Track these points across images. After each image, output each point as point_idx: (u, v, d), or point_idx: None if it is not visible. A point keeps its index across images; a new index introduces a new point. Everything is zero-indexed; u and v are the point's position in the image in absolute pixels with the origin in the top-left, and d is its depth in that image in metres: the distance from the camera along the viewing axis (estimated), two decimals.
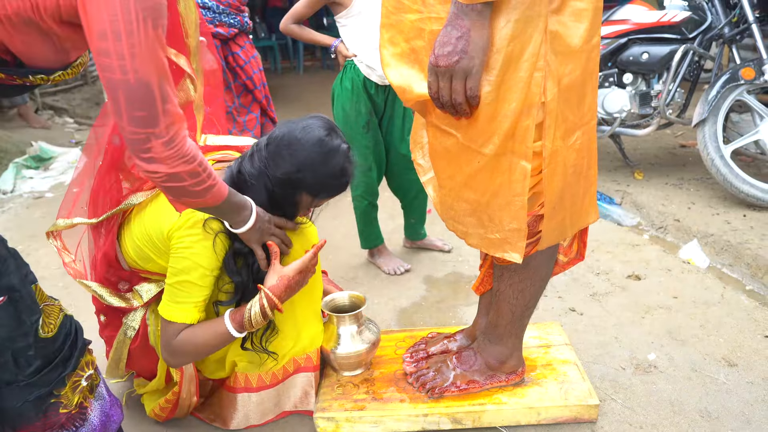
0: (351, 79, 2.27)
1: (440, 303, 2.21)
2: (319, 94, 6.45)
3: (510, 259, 1.27)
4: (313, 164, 1.35)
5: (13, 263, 1.04)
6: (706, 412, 1.54)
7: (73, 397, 1.13)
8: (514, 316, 1.47)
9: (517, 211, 1.22)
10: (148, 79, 0.95)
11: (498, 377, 1.54)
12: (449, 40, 1.06)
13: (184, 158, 1.04)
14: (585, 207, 1.34)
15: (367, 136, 2.30)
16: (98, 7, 0.89)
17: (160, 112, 0.98)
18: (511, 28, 1.06)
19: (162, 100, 0.98)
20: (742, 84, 2.76)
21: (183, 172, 1.05)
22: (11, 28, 0.94)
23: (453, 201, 1.30)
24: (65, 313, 1.17)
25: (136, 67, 0.93)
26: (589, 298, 2.17)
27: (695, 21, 3.00)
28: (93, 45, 0.92)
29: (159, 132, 0.99)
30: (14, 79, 1.01)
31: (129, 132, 0.98)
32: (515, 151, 1.17)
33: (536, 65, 1.10)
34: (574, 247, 1.50)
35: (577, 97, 1.19)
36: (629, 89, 3.15)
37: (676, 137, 4.08)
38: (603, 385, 1.66)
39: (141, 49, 0.92)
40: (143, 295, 1.50)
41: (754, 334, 1.89)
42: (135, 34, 0.91)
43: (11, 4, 0.91)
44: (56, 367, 1.11)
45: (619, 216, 2.92)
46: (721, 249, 2.45)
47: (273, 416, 1.57)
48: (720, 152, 2.75)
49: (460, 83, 1.08)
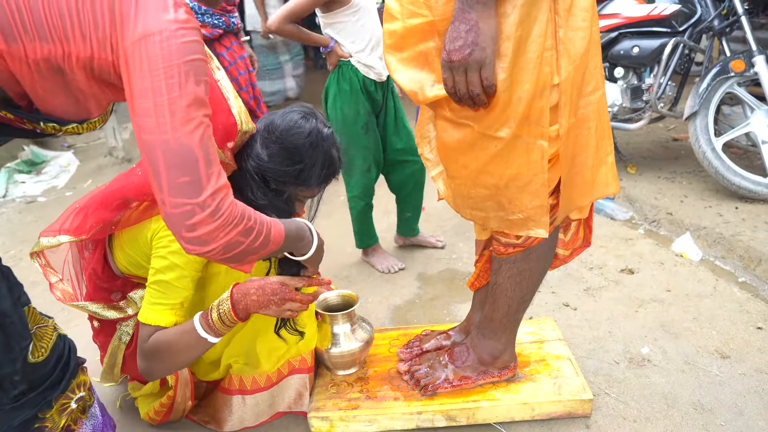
0: (349, 79, 2.25)
1: (434, 300, 2.21)
2: (313, 93, 6.42)
3: (535, 235, 1.29)
4: (299, 150, 1.32)
5: (5, 286, 0.96)
6: (699, 405, 1.55)
7: (59, 419, 1.08)
8: (510, 310, 1.47)
9: (538, 189, 1.24)
10: (189, 141, 0.88)
11: (491, 372, 1.55)
12: (459, 34, 1.07)
13: (233, 223, 0.96)
14: (600, 178, 1.33)
15: (367, 137, 2.30)
16: (141, 62, 0.85)
17: (203, 177, 0.90)
18: (517, 13, 1.08)
19: (206, 164, 0.90)
20: (732, 76, 2.77)
21: (236, 236, 0.97)
22: (37, 74, 0.88)
23: (469, 189, 1.31)
24: (59, 333, 1.11)
25: (176, 125, 0.86)
26: (583, 292, 2.18)
27: (685, 14, 3.01)
28: (133, 104, 0.88)
29: (204, 201, 0.90)
30: (23, 123, 0.94)
31: (171, 205, 0.90)
32: (531, 132, 1.18)
33: (545, 45, 1.12)
34: (581, 234, 1.51)
35: (584, 67, 1.20)
36: (620, 83, 3.15)
37: (669, 131, 4.09)
38: (597, 379, 1.67)
39: (180, 107, 0.86)
40: (137, 301, 1.49)
41: (747, 325, 1.90)
42: (176, 90, 0.86)
43: (43, 49, 0.85)
44: (44, 391, 1.05)
45: (613, 210, 2.93)
46: (714, 241, 2.46)
47: (267, 417, 1.57)
48: (711, 145, 2.76)
49: (476, 75, 1.10)
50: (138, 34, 0.85)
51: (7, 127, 0.94)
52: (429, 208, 3.05)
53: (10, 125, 0.94)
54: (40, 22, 0.84)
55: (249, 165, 1.34)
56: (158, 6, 0.86)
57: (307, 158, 1.33)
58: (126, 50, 0.86)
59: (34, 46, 0.85)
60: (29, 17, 0.84)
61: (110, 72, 0.90)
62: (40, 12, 0.84)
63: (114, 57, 0.88)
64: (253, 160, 1.33)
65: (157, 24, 0.85)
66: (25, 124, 0.95)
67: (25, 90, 0.91)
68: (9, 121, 0.93)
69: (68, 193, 3.52)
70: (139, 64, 0.85)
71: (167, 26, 0.85)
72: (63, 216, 1.46)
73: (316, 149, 1.34)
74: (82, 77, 0.90)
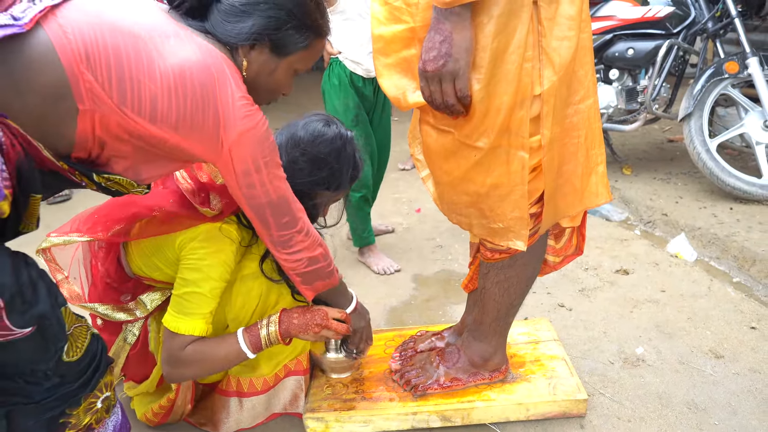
0: (338, 75, 2.32)
1: (430, 301, 2.22)
2: (310, 93, 6.40)
3: (514, 247, 1.29)
4: (327, 158, 1.39)
5: (44, 288, 0.97)
6: (693, 404, 1.55)
7: (84, 417, 1.10)
8: (498, 314, 1.47)
9: (518, 200, 1.24)
10: (284, 193, 1.17)
11: (481, 375, 1.55)
12: (433, 44, 1.07)
13: (317, 241, 1.28)
14: (591, 187, 1.33)
15: (357, 130, 2.33)
16: (244, 151, 1.08)
17: (296, 212, 1.20)
18: (494, 24, 1.07)
19: (294, 203, 1.20)
20: (726, 78, 2.78)
21: (319, 254, 1.28)
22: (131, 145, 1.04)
23: (452, 195, 1.31)
24: (93, 333, 1.13)
25: (276, 187, 1.14)
26: (578, 293, 2.18)
27: (679, 16, 3.02)
28: (238, 182, 1.11)
29: (300, 228, 1.22)
30: (74, 174, 1.02)
31: (278, 237, 1.20)
32: (511, 142, 1.18)
33: (524, 56, 1.11)
34: (573, 241, 1.50)
35: (571, 75, 1.19)
36: (615, 85, 3.17)
37: (664, 132, 4.11)
38: (591, 379, 1.67)
39: (274, 173, 1.13)
40: (148, 304, 1.48)
41: (741, 325, 1.91)
42: (270, 164, 1.12)
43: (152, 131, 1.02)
44: (75, 389, 1.07)
45: (608, 211, 2.94)
46: (709, 242, 2.47)
47: (263, 419, 1.57)
48: (706, 146, 2.77)
49: (450, 85, 1.09)
50: (238, 132, 1.06)
51: (53, 177, 1.01)
52: (424, 209, 3.05)
53: (59, 174, 1.00)
54: (155, 109, 1.00)
55: None
56: (245, 106, 1.06)
57: (335, 164, 1.40)
58: (230, 146, 1.07)
59: (145, 124, 1.01)
60: (147, 100, 0.99)
61: (197, 157, 1.11)
62: (157, 100, 0.99)
63: (211, 152, 1.08)
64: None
65: (249, 122, 1.07)
66: (75, 176, 1.02)
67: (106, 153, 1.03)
68: (61, 171, 1.00)
69: (67, 198, 3.51)
70: (242, 152, 1.08)
71: (255, 121, 1.08)
72: (72, 221, 1.45)
73: (341, 154, 1.41)
74: (169, 157, 1.10)
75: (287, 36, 1.12)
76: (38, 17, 0.92)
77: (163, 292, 1.49)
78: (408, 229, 2.89)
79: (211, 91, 1.02)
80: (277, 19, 1.09)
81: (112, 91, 0.96)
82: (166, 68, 0.99)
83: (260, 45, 1.12)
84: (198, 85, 1.01)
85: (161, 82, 0.99)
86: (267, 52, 1.13)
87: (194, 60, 1.01)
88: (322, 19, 1.18)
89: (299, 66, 1.19)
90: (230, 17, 1.08)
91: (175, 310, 1.33)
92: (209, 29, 1.09)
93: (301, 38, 1.14)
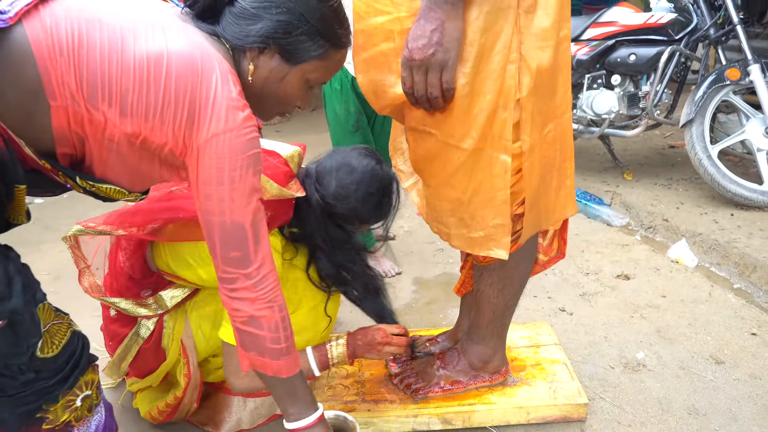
0: (339, 79, 2.30)
1: (431, 304, 2.22)
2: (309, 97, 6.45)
3: (495, 256, 1.26)
4: (375, 194, 1.43)
5: (20, 283, 0.98)
6: (693, 410, 1.56)
7: (61, 414, 1.09)
8: (495, 316, 1.47)
9: (500, 206, 1.22)
10: (242, 221, 1.00)
11: (482, 377, 1.55)
12: (423, 33, 1.05)
13: (270, 303, 1.06)
14: (560, 200, 1.33)
15: (357, 135, 2.33)
16: (211, 156, 0.96)
17: (252, 253, 1.02)
18: (483, 19, 1.07)
19: (255, 241, 1.02)
20: (728, 84, 2.79)
21: (264, 318, 1.06)
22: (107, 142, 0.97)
23: (435, 200, 1.30)
24: (74, 330, 1.12)
25: (233, 208, 0.99)
26: (579, 298, 2.19)
27: (681, 22, 3.03)
28: (198, 189, 0.99)
29: (249, 273, 1.03)
30: (57, 175, 0.98)
31: (222, 271, 1.04)
32: (494, 145, 1.16)
33: (509, 57, 1.10)
34: (555, 246, 1.50)
35: (549, 88, 1.19)
36: (617, 90, 3.17)
37: (665, 138, 4.12)
38: (592, 384, 1.68)
39: (240, 193, 0.99)
40: (168, 301, 1.46)
41: (741, 331, 1.91)
42: (237, 181, 0.98)
43: (123, 125, 0.95)
44: (52, 385, 1.06)
45: (609, 216, 2.94)
46: (709, 248, 2.47)
47: (263, 421, 1.57)
48: (707, 152, 2.78)
49: (436, 76, 1.07)
50: (211, 132, 0.96)
51: (38, 176, 0.98)
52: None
53: (43, 174, 0.98)
54: (126, 102, 0.93)
55: (315, 202, 1.42)
56: (229, 108, 0.97)
57: (380, 200, 1.45)
58: (199, 145, 0.97)
59: (115, 120, 0.94)
60: (117, 94, 0.92)
61: (176, 157, 1.01)
62: (129, 93, 0.93)
63: (182, 148, 0.98)
64: (322, 199, 1.42)
65: (227, 125, 0.96)
66: (58, 176, 0.99)
67: (84, 154, 0.98)
68: (44, 171, 0.97)
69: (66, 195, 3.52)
70: (209, 157, 0.97)
71: (235, 126, 0.97)
72: (109, 215, 1.44)
73: (386, 194, 1.46)
74: (146, 157, 1.00)
75: (298, 42, 1.06)
76: (23, 11, 0.89)
77: (183, 289, 1.48)
78: (409, 232, 2.90)
79: (192, 83, 0.95)
80: (287, 23, 1.05)
81: (83, 85, 0.91)
82: (142, 57, 0.93)
83: (270, 50, 1.06)
84: (176, 75, 0.94)
85: (135, 71, 0.93)
86: (277, 58, 1.07)
87: (177, 50, 0.95)
88: (341, 29, 1.11)
89: (313, 77, 1.12)
90: (241, 20, 1.05)
91: None
92: (219, 32, 1.06)
93: (314, 46, 1.07)
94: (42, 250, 2.77)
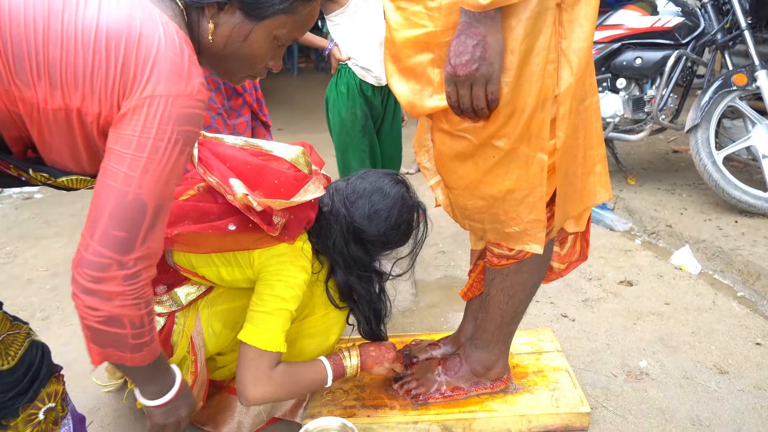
0: (346, 82, 2.26)
1: (432, 308, 2.20)
2: (313, 95, 6.43)
3: (530, 250, 1.29)
4: (406, 221, 1.46)
5: None
6: (697, 420, 1.54)
7: (23, 428, 1.05)
8: (503, 321, 1.46)
9: (536, 202, 1.23)
10: (147, 200, 0.88)
11: (483, 384, 1.53)
12: (465, 48, 1.06)
13: (137, 300, 0.92)
14: (588, 187, 1.32)
15: (364, 140, 2.30)
16: (140, 117, 0.86)
17: (139, 239, 0.89)
18: (522, 27, 1.07)
19: (149, 228, 0.90)
20: (734, 90, 2.77)
21: (128, 316, 0.92)
22: (45, 122, 0.89)
23: (466, 200, 1.30)
24: (33, 340, 1.08)
25: (143, 183, 0.87)
26: (582, 303, 2.17)
27: (688, 27, 3.01)
28: (111, 148, 0.88)
29: (126, 262, 0.89)
30: (8, 168, 0.92)
31: (93, 252, 0.88)
32: (531, 144, 1.17)
33: (548, 58, 1.11)
34: (577, 247, 1.50)
35: (586, 78, 1.20)
36: (623, 94, 3.15)
37: (669, 142, 4.09)
38: (594, 392, 1.66)
39: (157, 168, 0.88)
40: (183, 298, 1.45)
41: (746, 341, 1.89)
42: (160, 153, 0.87)
43: (54, 99, 0.86)
44: (10, 398, 1.02)
45: (612, 221, 2.92)
46: (713, 255, 2.45)
47: (263, 425, 1.55)
48: (712, 158, 2.76)
49: (481, 89, 1.09)
50: (146, 93, 0.86)
51: None
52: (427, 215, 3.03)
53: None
54: (55, 71, 0.85)
55: (343, 218, 1.42)
56: (172, 72, 0.88)
57: (405, 227, 1.47)
58: (129, 107, 0.87)
59: (46, 94, 0.86)
60: (45, 63, 0.84)
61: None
62: (57, 61, 0.85)
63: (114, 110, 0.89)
64: (350, 218, 1.43)
65: (166, 88, 0.87)
66: (10, 170, 0.93)
67: (31, 136, 0.91)
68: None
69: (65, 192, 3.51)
70: (137, 118, 0.86)
71: (175, 92, 0.87)
72: None
73: (415, 219, 1.49)
74: (95, 131, 0.91)
75: None
76: None
77: (198, 286, 1.46)
78: None
79: (127, 44, 0.86)
80: None
81: (8, 57, 0.84)
82: (71, 21, 0.86)
83: (230, 6, 0.98)
84: (106, 37, 0.86)
85: (63, 37, 0.85)
86: (239, 14, 0.98)
87: (112, 12, 0.87)
88: None
89: (281, 33, 1.02)
90: None
91: (264, 327, 1.30)
92: None
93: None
94: (41, 245, 2.74)
